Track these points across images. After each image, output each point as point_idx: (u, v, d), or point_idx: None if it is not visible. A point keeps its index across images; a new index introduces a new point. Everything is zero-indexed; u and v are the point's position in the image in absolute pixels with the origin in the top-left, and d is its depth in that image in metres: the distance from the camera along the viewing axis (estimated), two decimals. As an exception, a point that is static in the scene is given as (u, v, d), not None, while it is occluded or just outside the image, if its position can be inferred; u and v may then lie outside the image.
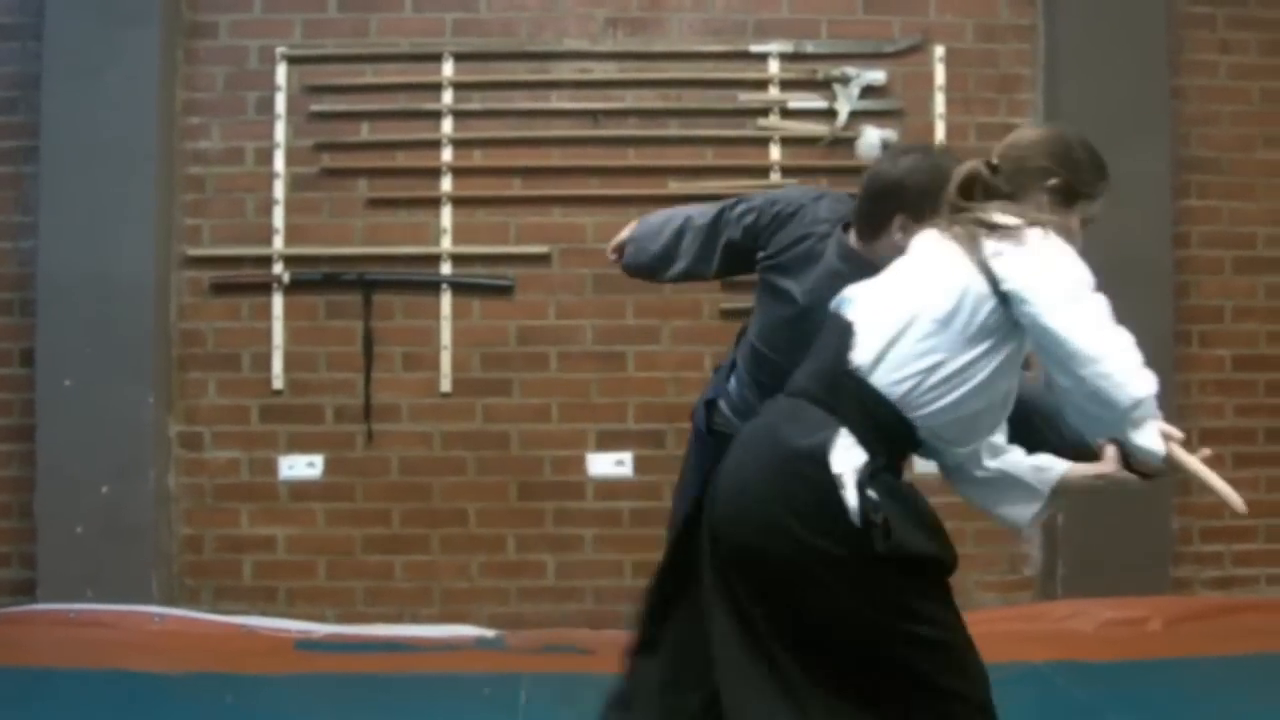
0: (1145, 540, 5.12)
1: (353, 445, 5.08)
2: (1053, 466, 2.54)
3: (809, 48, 5.20)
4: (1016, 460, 2.57)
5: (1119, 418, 2.38)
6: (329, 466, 5.08)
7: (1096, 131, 4.75)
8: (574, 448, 5.12)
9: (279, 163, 5.07)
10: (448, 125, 5.12)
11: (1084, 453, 2.51)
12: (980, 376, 2.45)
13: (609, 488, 5.13)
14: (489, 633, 5.05)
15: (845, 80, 5.14)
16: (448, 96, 5.12)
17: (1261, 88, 5.38)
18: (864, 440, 2.43)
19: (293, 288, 5.07)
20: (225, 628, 4.90)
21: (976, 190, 2.59)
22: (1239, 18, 5.33)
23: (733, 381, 3.49)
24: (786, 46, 5.19)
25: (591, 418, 5.11)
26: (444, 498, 5.10)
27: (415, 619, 5.09)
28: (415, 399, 5.09)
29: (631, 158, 5.14)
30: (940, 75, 5.20)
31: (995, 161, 2.61)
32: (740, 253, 3.42)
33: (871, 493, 2.37)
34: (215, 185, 5.09)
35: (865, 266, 2.94)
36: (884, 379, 2.46)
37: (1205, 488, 2.38)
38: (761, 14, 5.21)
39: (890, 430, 2.46)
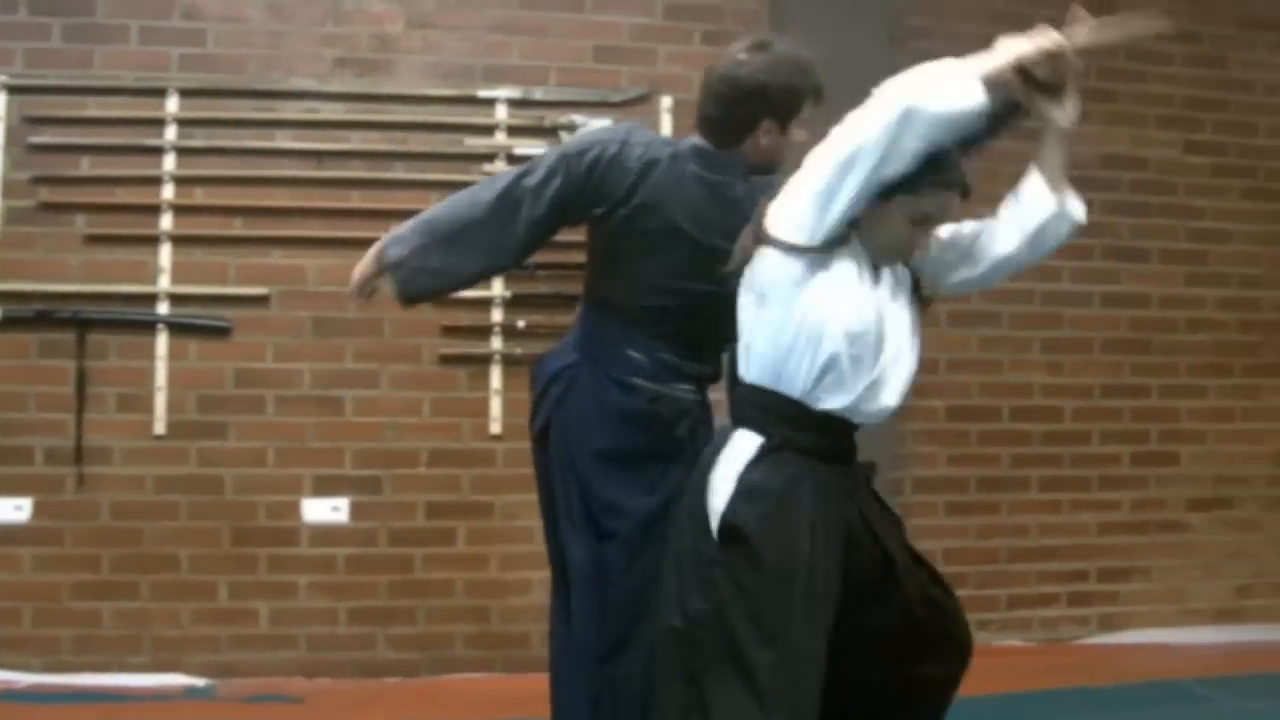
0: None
1: (62, 488, 4.93)
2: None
3: (537, 94, 5.23)
4: None
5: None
6: (37, 510, 4.93)
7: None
8: (289, 493, 5.05)
9: (-6, 195, 4.94)
10: (170, 162, 5.02)
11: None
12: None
13: (324, 534, 5.08)
14: (199, 681, 4.96)
15: (572, 127, 5.18)
16: (171, 132, 5.03)
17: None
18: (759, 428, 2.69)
19: (4, 325, 4.91)
20: (-77, 679, 4.73)
21: None
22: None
23: (631, 352, 3.21)
24: (515, 93, 5.22)
25: (308, 462, 5.05)
26: (155, 543, 4.98)
27: (124, 668, 4.95)
28: (129, 441, 4.97)
29: (356, 200, 5.11)
30: (667, 125, 5.26)
31: None
32: (552, 226, 3.14)
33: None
34: (-72, 217, 4.93)
35: (734, 169, 2.91)
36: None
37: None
38: (491, 59, 5.23)
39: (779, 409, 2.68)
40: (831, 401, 2.69)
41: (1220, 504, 5.91)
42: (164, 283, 5.00)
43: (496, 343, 5.16)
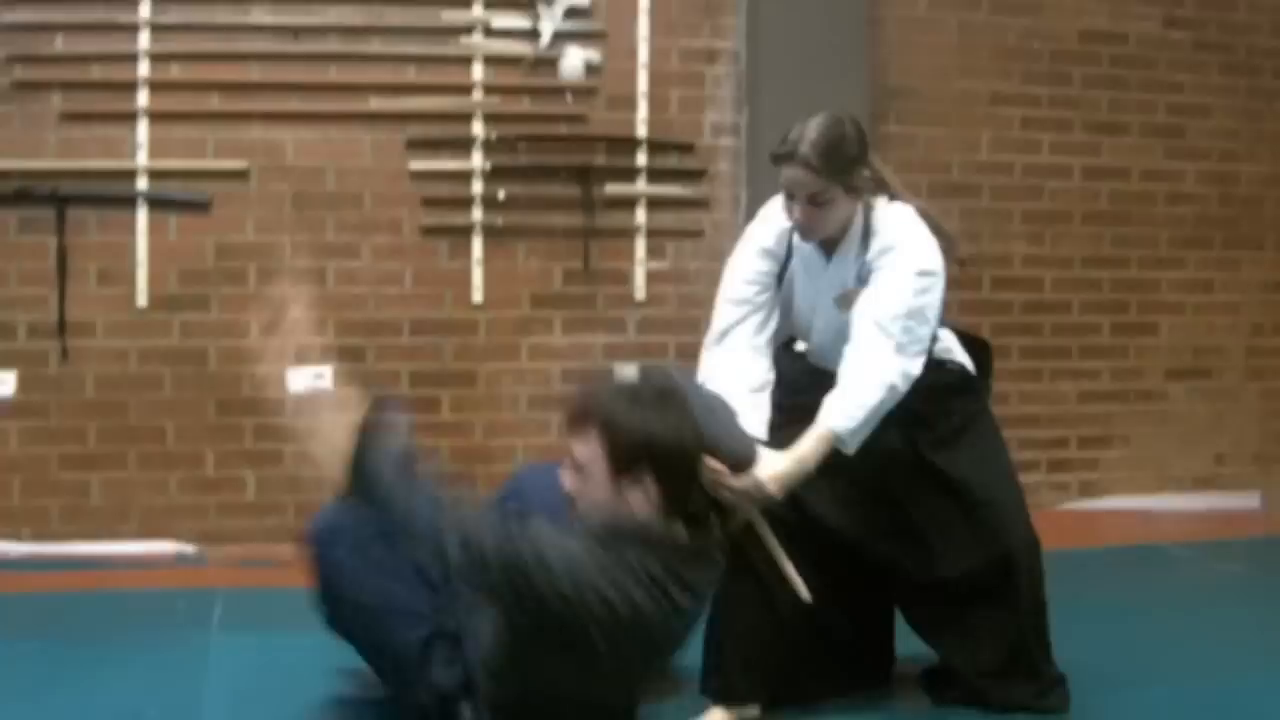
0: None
1: (46, 362, 4.96)
2: None
3: (514, -34, 5.21)
4: None
5: None
6: (22, 384, 4.96)
7: (797, 57, 4.94)
8: (273, 363, 5.07)
9: (-32, 75, 4.92)
10: (144, 39, 4.99)
11: None
12: None
13: (309, 402, 5.11)
14: (188, 548, 5.02)
15: (549, 0, 5.15)
16: (145, 9, 4.99)
17: (959, 19, 5.57)
18: None
19: (-17, 203, 4.92)
20: (-84, 549, 4.78)
21: None
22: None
23: None
24: (492, -35, 5.20)
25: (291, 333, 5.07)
26: (141, 415, 5.02)
27: (113, 537, 5.01)
28: (111, 315, 4.99)
29: (333, 74, 5.10)
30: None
31: None
32: None
33: None
34: (-97, 97, 4.91)
35: None
36: None
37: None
38: (468, -70, 5.20)
39: None
40: None
41: (1198, 374, 5.96)
42: (142, 159, 4.99)
43: (477, 214, 5.17)
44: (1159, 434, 5.92)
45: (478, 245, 5.18)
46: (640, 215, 5.31)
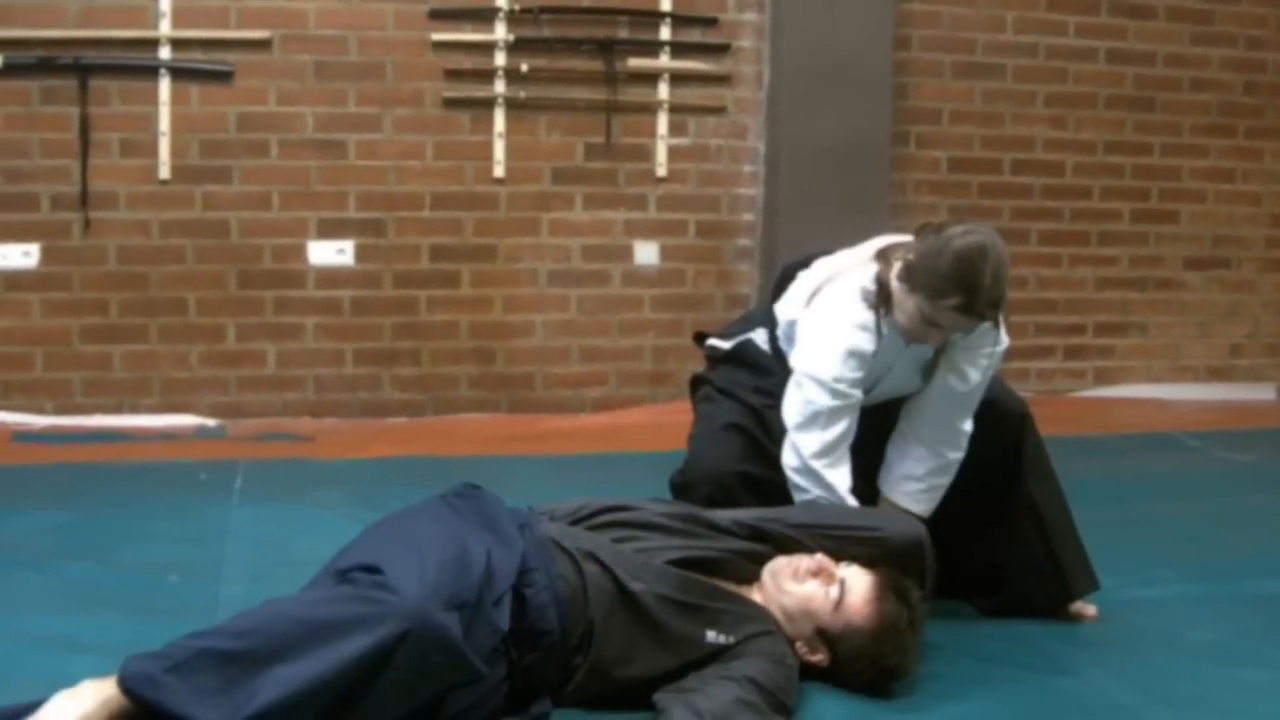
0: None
1: (69, 234, 4.96)
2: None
3: None
4: None
5: None
6: (45, 255, 4.96)
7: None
8: (294, 236, 5.08)
9: (-15, -60, 4.87)
10: (166, -95, 4.95)
11: None
12: None
13: (330, 276, 5.12)
14: (209, 422, 5.06)
15: None
16: (164, -125, 4.95)
17: (985, -108, 5.51)
18: None
19: (5, 72, 4.88)
20: (-59, 420, 4.80)
21: None
22: None
23: None
24: None
25: (312, 206, 5.08)
26: (162, 287, 5.03)
27: (135, 410, 5.05)
28: (133, 186, 4.98)
29: (355, -59, 5.06)
30: None
31: None
32: None
33: None
34: (-80, -37, 4.87)
35: None
36: None
37: None
38: None
39: None
40: None
41: (1217, 263, 5.96)
42: (165, 27, 4.96)
43: (500, 86, 5.14)
44: (1176, 323, 5.93)
45: (500, 118, 5.16)
46: (663, 90, 5.28)
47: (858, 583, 2.55)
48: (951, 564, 2.98)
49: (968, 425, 2.98)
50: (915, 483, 2.99)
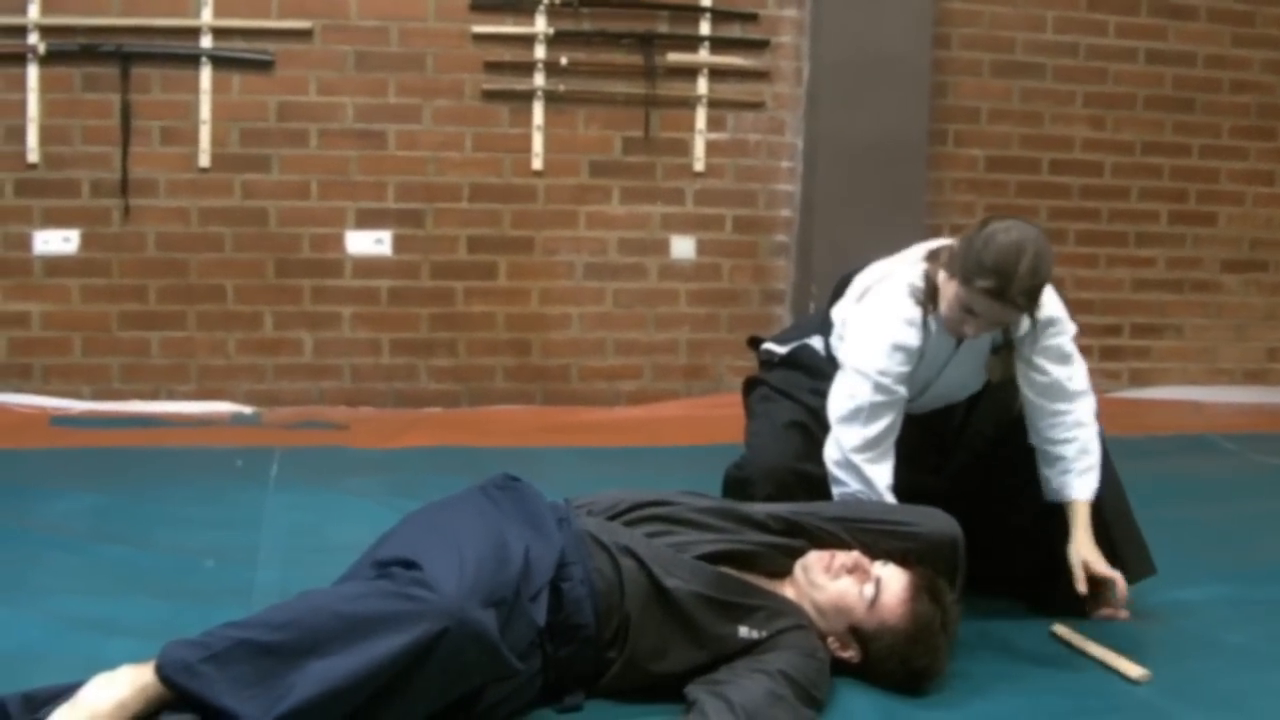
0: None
1: (109, 220, 5.00)
2: None
3: None
4: None
5: None
6: (85, 242, 5.01)
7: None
8: (333, 225, 5.12)
9: (32, -71, 4.91)
10: (210, -107, 4.98)
11: None
12: None
13: (367, 265, 5.15)
14: (245, 409, 5.09)
15: None
16: None
17: (1026, -109, 5.49)
18: None
19: (47, 59, 4.92)
20: (-20, 403, 4.85)
21: None
22: None
23: None
24: None
25: (351, 195, 5.11)
26: (201, 274, 5.07)
27: (171, 396, 5.09)
28: (173, 174, 5.02)
29: (397, -67, 5.08)
30: None
31: None
32: None
33: None
34: (-36, -48, 4.91)
35: None
36: None
37: None
38: None
39: None
40: None
41: (1255, 266, 5.92)
42: (206, 16, 4.99)
43: (539, 79, 5.15)
44: (1213, 325, 5.90)
45: (539, 111, 5.17)
46: (702, 85, 5.28)
47: (893, 582, 2.55)
48: (1005, 565, 3.01)
49: (1078, 403, 3.01)
50: (1070, 475, 3.00)
